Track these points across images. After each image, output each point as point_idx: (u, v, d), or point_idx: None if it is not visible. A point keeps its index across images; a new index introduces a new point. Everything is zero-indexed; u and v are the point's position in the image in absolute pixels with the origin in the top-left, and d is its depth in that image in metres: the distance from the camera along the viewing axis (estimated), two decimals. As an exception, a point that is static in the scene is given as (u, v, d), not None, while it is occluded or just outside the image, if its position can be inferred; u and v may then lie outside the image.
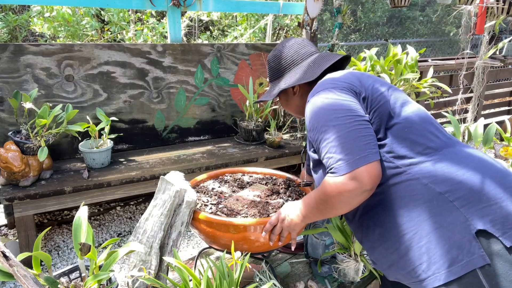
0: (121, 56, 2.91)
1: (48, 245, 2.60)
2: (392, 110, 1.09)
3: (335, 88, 1.11)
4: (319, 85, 1.16)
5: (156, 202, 1.31)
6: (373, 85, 1.14)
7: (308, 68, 1.29)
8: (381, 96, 1.11)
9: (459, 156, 1.04)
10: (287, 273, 1.55)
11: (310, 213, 1.14)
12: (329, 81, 1.15)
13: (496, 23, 3.10)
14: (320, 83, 1.17)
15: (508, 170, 1.06)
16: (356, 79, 1.15)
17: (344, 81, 1.14)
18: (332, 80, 1.15)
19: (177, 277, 1.48)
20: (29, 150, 2.37)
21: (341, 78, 1.16)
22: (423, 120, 1.09)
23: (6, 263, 0.92)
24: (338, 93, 1.09)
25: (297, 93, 1.34)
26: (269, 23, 4.24)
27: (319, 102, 1.09)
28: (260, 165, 2.97)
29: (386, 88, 1.14)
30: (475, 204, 0.95)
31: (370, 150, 1.00)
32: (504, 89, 5.30)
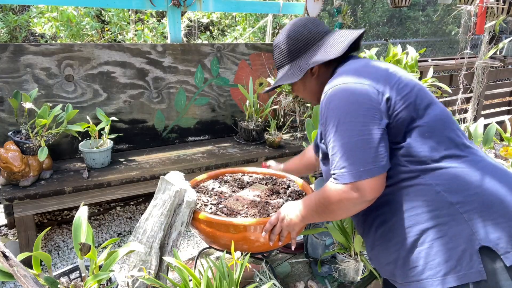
0: (121, 56, 2.91)
1: (48, 245, 2.60)
2: (416, 112, 1.02)
3: (357, 84, 1.02)
4: (341, 75, 1.08)
5: (156, 202, 1.31)
6: (399, 83, 1.05)
7: (330, 45, 1.19)
8: (406, 97, 1.03)
9: (476, 166, 1.00)
10: (287, 273, 1.54)
11: (309, 214, 1.14)
12: (351, 73, 1.06)
13: (496, 23, 3.10)
14: (342, 74, 1.08)
15: None
16: (381, 75, 1.06)
17: (368, 76, 1.04)
18: (355, 73, 1.06)
19: (177, 277, 1.48)
20: (29, 150, 2.37)
21: (365, 72, 1.06)
22: (445, 124, 1.04)
23: (6, 263, 0.92)
24: (359, 91, 1.01)
25: (315, 75, 1.23)
26: (269, 23, 4.24)
27: (337, 98, 1.02)
28: (260, 165, 2.97)
29: (412, 87, 1.06)
30: (485, 219, 0.92)
31: (377, 163, 0.96)
32: (504, 89, 5.30)
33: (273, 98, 3.34)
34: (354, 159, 0.96)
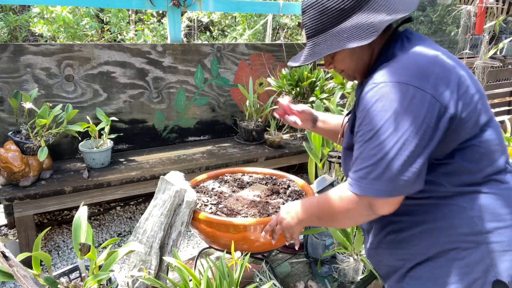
0: (121, 56, 2.91)
1: (48, 245, 2.60)
2: (474, 130, 0.89)
3: (419, 90, 0.83)
4: (401, 66, 0.87)
5: (156, 202, 1.31)
6: (466, 95, 0.87)
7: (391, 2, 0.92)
8: (470, 114, 0.87)
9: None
10: (287, 273, 1.54)
11: (309, 218, 1.07)
12: (415, 69, 0.86)
13: (496, 23, 3.10)
14: (404, 64, 0.88)
15: None
16: (449, 79, 0.86)
17: (434, 80, 0.84)
18: (420, 70, 0.85)
19: (177, 277, 1.48)
20: (29, 150, 2.37)
21: (432, 74, 0.85)
22: (498, 146, 0.92)
23: (6, 263, 0.92)
24: (418, 101, 0.82)
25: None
26: (269, 23, 4.24)
27: (389, 100, 0.83)
28: (260, 165, 2.97)
29: (476, 100, 0.89)
30: (510, 254, 0.86)
31: (405, 187, 0.85)
32: (504, 89, 5.30)
33: (273, 98, 3.34)
34: (378, 175, 0.84)
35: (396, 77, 0.85)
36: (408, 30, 0.99)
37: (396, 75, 0.85)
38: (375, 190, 0.85)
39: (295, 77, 3.20)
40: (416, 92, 0.82)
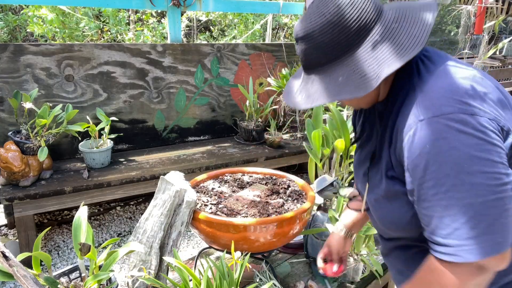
0: (121, 56, 2.91)
1: (48, 245, 2.60)
2: None
3: (476, 116, 0.68)
4: (443, 96, 0.71)
5: (156, 202, 1.31)
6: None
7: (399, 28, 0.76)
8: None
9: None
10: (287, 273, 1.55)
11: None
12: (462, 95, 0.71)
13: (496, 23, 3.11)
14: (446, 92, 0.71)
15: None
16: (500, 98, 0.74)
17: (489, 104, 0.71)
18: (467, 93, 0.71)
19: (177, 277, 1.48)
20: (29, 150, 2.37)
21: (482, 93, 0.72)
22: None
23: (6, 263, 0.92)
24: (480, 128, 0.68)
25: None
26: (269, 23, 4.24)
27: (450, 139, 0.68)
28: (260, 165, 2.97)
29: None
30: None
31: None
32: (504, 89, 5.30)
33: (273, 98, 3.34)
34: (486, 228, 0.67)
35: (441, 109, 0.70)
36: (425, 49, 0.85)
37: (440, 106, 0.70)
38: (489, 246, 0.67)
39: (295, 77, 3.20)
40: (477, 116, 0.69)
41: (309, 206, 1.36)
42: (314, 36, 0.78)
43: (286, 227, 1.27)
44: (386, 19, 0.78)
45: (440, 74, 0.76)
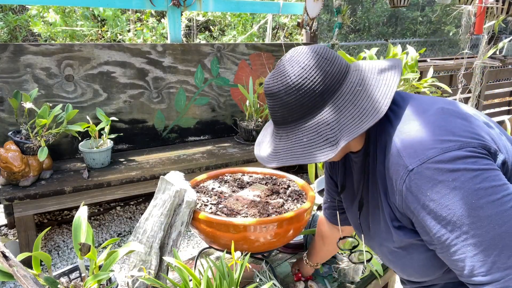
0: (121, 56, 2.91)
1: (48, 245, 2.60)
2: None
3: (461, 149, 0.69)
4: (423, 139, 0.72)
5: (156, 202, 1.31)
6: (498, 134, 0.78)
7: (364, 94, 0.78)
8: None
9: None
10: (287, 273, 1.55)
11: None
12: (440, 133, 0.71)
13: (496, 23, 3.10)
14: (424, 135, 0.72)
15: None
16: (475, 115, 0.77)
17: (468, 129, 0.72)
18: (444, 129, 0.72)
19: (177, 277, 1.48)
20: (29, 150, 2.37)
21: (458, 122, 0.73)
22: None
23: (6, 263, 0.92)
24: (470, 160, 0.68)
25: None
26: (269, 23, 4.24)
27: (446, 181, 0.68)
28: (260, 165, 2.97)
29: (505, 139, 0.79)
30: None
31: None
32: (504, 89, 5.31)
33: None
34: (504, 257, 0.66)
35: (432, 150, 0.70)
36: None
37: (428, 148, 0.71)
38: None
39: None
40: (470, 147, 0.69)
41: (309, 206, 1.36)
42: (280, 96, 0.80)
43: (286, 227, 1.28)
44: (350, 81, 0.80)
45: (410, 118, 0.77)
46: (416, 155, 0.71)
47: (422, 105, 0.79)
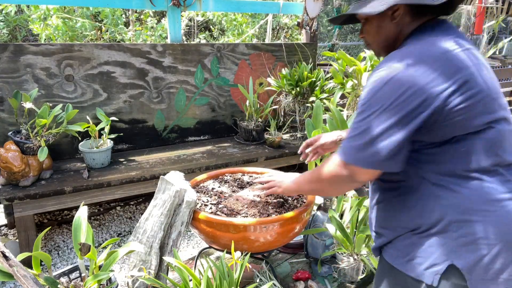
0: (121, 56, 2.91)
1: (48, 245, 2.60)
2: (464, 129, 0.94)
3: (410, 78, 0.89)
4: (405, 55, 0.94)
5: (156, 202, 1.31)
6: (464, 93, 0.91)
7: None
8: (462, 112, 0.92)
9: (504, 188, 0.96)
10: (287, 273, 1.55)
11: (301, 180, 1.19)
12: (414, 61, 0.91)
13: (496, 23, 3.10)
14: (407, 55, 0.94)
15: None
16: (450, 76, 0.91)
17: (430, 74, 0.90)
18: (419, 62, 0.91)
19: (177, 277, 1.48)
20: (29, 150, 2.37)
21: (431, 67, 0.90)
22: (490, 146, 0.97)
23: (6, 263, 0.92)
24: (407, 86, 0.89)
25: (396, 20, 1.02)
26: (269, 23, 4.24)
27: (382, 82, 0.92)
28: (260, 165, 2.97)
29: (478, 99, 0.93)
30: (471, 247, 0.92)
31: (382, 163, 0.93)
32: (504, 89, 5.31)
33: (273, 98, 3.34)
34: (360, 146, 0.93)
35: (396, 65, 0.92)
36: (442, 20, 1.02)
37: (396, 62, 0.92)
38: (357, 159, 0.94)
39: (295, 77, 3.20)
40: (407, 80, 0.89)
41: (309, 206, 1.36)
42: None
43: (286, 227, 1.28)
44: None
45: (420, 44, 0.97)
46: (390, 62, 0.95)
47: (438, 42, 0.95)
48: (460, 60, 0.92)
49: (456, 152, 0.94)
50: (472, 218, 0.92)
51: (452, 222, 0.94)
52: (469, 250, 0.92)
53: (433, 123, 0.91)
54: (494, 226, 0.91)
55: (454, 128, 0.92)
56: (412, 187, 1.00)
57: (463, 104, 0.90)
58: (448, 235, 0.94)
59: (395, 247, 1.04)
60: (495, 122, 0.95)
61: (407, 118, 0.90)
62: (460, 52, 0.94)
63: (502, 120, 0.96)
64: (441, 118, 0.91)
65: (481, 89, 0.92)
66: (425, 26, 1.01)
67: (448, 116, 0.90)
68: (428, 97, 0.89)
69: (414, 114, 0.90)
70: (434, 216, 0.96)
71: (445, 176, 0.96)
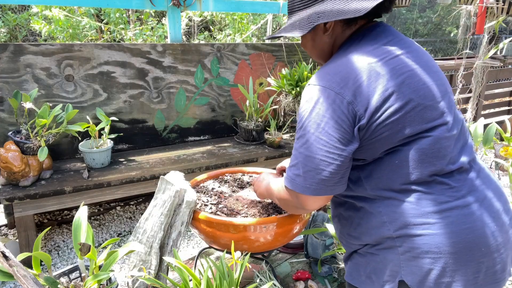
0: (121, 56, 2.91)
1: (48, 245, 2.60)
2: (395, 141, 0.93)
3: (338, 95, 0.89)
4: (329, 71, 0.93)
5: (156, 202, 1.31)
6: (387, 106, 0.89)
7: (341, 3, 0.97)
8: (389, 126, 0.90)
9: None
10: (287, 273, 1.55)
11: (269, 195, 1.20)
12: (337, 78, 0.90)
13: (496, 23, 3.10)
14: (331, 71, 0.93)
15: None
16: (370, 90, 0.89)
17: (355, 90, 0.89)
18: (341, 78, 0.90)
19: (177, 277, 1.48)
20: (29, 150, 2.37)
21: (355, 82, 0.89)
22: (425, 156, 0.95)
23: (6, 263, 0.92)
24: (337, 104, 0.88)
25: (329, 31, 1.03)
26: (269, 23, 4.24)
27: (312, 101, 0.91)
28: (260, 165, 2.97)
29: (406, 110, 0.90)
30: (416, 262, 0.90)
31: (324, 187, 0.92)
32: (504, 89, 5.30)
33: (273, 98, 3.34)
34: (300, 173, 0.93)
35: (322, 81, 0.92)
36: (376, 25, 1.00)
37: (325, 77, 0.92)
38: (299, 186, 0.93)
39: (295, 77, 3.20)
40: (336, 98, 0.88)
41: (309, 206, 1.36)
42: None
43: (286, 227, 1.28)
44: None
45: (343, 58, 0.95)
46: (316, 79, 0.95)
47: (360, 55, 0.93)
48: (383, 73, 0.89)
49: (390, 165, 0.93)
50: (413, 232, 0.90)
51: (395, 238, 0.92)
52: (415, 265, 0.90)
53: (363, 140, 0.91)
54: (436, 239, 0.88)
55: (383, 143, 0.91)
56: (356, 203, 1.00)
57: (388, 120, 0.88)
58: (395, 250, 0.93)
59: (353, 263, 1.04)
60: (430, 130, 0.91)
61: (342, 141, 0.89)
62: (385, 63, 0.90)
63: (440, 127, 0.92)
64: (368, 136, 0.90)
65: (409, 99, 0.89)
66: (356, 34, 1.00)
67: (374, 133, 0.89)
68: (356, 113, 0.88)
69: (348, 137, 0.89)
70: (379, 232, 0.95)
71: (384, 191, 0.94)
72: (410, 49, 0.96)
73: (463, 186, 0.92)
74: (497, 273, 0.91)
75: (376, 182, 0.95)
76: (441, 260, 0.88)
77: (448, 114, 0.94)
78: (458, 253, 0.88)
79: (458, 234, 0.88)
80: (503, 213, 0.94)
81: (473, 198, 0.92)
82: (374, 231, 0.96)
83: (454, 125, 0.95)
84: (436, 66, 0.99)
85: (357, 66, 0.91)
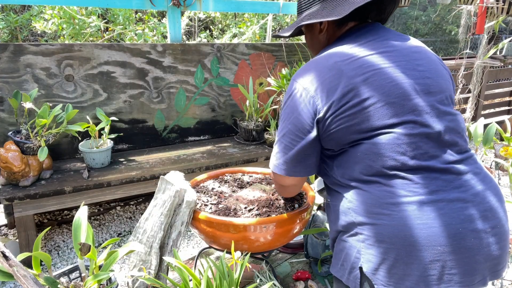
0: (121, 56, 2.91)
1: (48, 245, 2.60)
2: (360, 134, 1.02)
3: (305, 89, 1.00)
4: (307, 67, 1.04)
5: (156, 202, 1.31)
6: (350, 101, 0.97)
7: (341, 2, 1.07)
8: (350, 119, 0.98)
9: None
10: (287, 273, 1.55)
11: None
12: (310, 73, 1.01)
13: (496, 23, 3.10)
14: (309, 67, 1.04)
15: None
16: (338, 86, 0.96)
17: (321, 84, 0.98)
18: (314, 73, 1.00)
19: (177, 277, 1.48)
20: (29, 150, 2.37)
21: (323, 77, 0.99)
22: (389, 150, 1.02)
23: (6, 263, 0.92)
24: (303, 97, 1.00)
25: (323, 32, 1.15)
26: (269, 23, 4.24)
27: (288, 94, 1.05)
28: (260, 165, 2.97)
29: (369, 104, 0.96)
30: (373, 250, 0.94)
31: (291, 170, 1.06)
32: (504, 89, 5.30)
33: (273, 98, 3.34)
34: (276, 155, 1.09)
35: (296, 77, 1.04)
36: (365, 26, 1.08)
37: (299, 73, 1.04)
38: (273, 166, 1.10)
39: (295, 77, 3.20)
40: (302, 92, 1.00)
41: (309, 206, 1.36)
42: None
43: (286, 227, 1.28)
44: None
45: (323, 55, 1.05)
46: (296, 73, 1.07)
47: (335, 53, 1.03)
48: (346, 71, 0.96)
49: (353, 157, 0.99)
50: (370, 221, 0.95)
51: (357, 225, 0.97)
52: (371, 253, 0.93)
53: (323, 132, 1.00)
54: (389, 230, 0.91)
55: (341, 135, 0.98)
56: (333, 190, 1.09)
57: (344, 113, 0.95)
58: (357, 238, 0.97)
59: (334, 253, 1.09)
60: (393, 126, 0.94)
61: (303, 131, 1.01)
62: (352, 62, 0.98)
63: (406, 124, 0.94)
64: (326, 127, 0.99)
65: (369, 96, 0.94)
66: (344, 35, 1.09)
67: (331, 125, 0.97)
68: (318, 106, 0.98)
69: (308, 128, 1.00)
70: (346, 218, 1.01)
71: (350, 181, 1.01)
72: (390, 48, 1.01)
73: (431, 184, 0.92)
74: (464, 277, 0.88)
75: (343, 172, 1.02)
76: (394, 251, 0.90)
77: (415, 113, 0.95)
78: (410, 246, 0.89)
79: (411, 228, 0.89)
80: (479, 219, 0.91)
81: (440, 197, 0.91)
82: (342, 216, 1.02)
83: (436, 123, 0.95)
84: (426, 65, 1.00)
85: (325, 65, 1.00)
